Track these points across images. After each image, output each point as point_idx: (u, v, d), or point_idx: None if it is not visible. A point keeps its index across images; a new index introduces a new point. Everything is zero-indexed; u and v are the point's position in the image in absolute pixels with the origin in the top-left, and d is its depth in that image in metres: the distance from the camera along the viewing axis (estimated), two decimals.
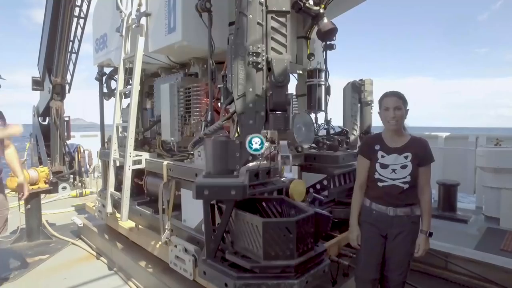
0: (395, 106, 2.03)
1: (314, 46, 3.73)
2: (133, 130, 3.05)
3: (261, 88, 1.96)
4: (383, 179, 2.07)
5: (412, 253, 2.12)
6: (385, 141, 2.13)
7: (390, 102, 2.05)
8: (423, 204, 2.10)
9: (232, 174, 1.92)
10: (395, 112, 2.03)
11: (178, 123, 3.01)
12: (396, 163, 2.05)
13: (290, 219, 1.79)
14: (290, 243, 1.78)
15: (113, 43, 3.70)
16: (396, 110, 2.03)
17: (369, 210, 2.16)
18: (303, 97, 3.53)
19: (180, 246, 2.52)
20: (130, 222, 3.41)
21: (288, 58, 1.95)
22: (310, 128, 2.96)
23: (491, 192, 4.92)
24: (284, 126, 1.97)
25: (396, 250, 2.10)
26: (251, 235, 1.87)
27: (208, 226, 1.99)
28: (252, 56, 1.93)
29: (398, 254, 2.11)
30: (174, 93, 2.99)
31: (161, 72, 3.79)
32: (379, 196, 2.10)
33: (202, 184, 1.87)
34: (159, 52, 3.04)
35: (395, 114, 2.03)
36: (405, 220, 2.07)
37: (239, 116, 1.94)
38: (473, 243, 3.99)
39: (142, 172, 3.67)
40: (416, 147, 2.08)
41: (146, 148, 3.84)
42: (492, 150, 4.90)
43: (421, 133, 7.82)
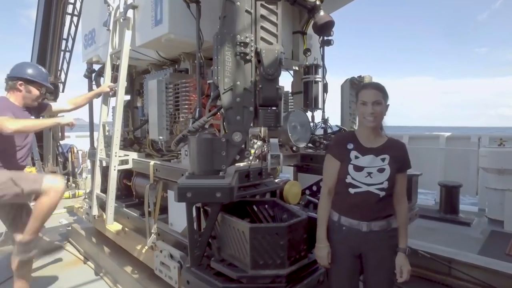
0: (374, 100, 1.71)
1: (311, 42, 3.58)
2: (118, 128, 2.90)
3: (250, 82, 1.81)
4: (356, 184, 1.71)
5: (394, 272, 1.76)
6: (359, 140, 1.81)
7: (369, 96, 1.73)
8: (400, 215, 1.78)
9: (217, 174, 1.76)
10: (374, 108, 1.71)
11: (167, 121, 2.86)
12: (373, 165, 1.73)
13: (280, 225, 1.63)
14: (280, 250, 1.63)
15: (101, 38, 3.55)
16: (375, 105, 1.71)
17: (338, 226, 1.77)
18: (299, 95, 3.37)
19: (165, 251, 2.36)
20: (117, 225, 3.25)
21: (279, 49, 1.80)
22: (305, 127, 2.81)
23: (495, 194, 4.76)
24: (275, 123, 1.82)
25: (376, 271, 1.76)
26: (238, 242, 1.71)
27: (192, 232, 1.83)
28: (240, 46, 1.78)
29: (378, 275, 1.76)
30: (162, 89, 2.84)
31: (151, 68, 3.64)
32: (349, 208, 1.74)
33: (184, 186, 1.71)
34: (146, 46, 2.89)
35: (374, 110, 1.71)
36: (382, 236, 1.73)
37: (225, 111, 1.79)
38: (477, 247, 3.83)
39: (131, 173, 3.52)
40: (395, 150, 1.78)
41: (136, 148, 3.69)
42: (495, 151, 4.74)
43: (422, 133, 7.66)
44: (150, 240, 2.61)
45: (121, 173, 3.71)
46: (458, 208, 4.88)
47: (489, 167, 4.76)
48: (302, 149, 3.05)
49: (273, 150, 1.81)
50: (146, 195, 2.69)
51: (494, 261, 2.99)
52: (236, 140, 1.76)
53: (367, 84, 1.85)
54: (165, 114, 2.86)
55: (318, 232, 1.79)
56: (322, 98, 3.40)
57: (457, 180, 5.17)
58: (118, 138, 2.91)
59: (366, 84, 1.87)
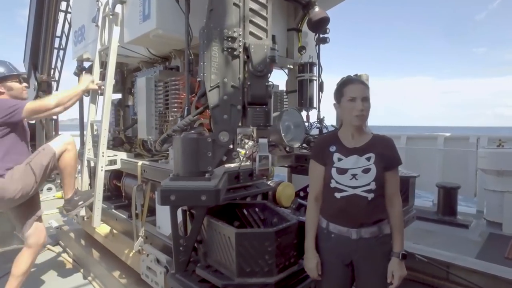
0: (363, 96, 1.59)
1: (306, 40, 3.49)
2: (106, 127, 2.80)
3: (238, 78, 1.72)
4: (341, 188, 1.60)
5: (389, 281, 1.63)
6: (342, 140, 1.69)
7: (357, 91, 1.60)
8: (394, 218, 1.65)
9: (203, 176, 1.67)
10: (363, 104, 1.58)
11: (156, 120, 2.76)
12: (357, 166, 1.61)
13: (267, 230, 1.54)
14: (268, 257, 1.53)
15: (91, 35, 3.44)
16: (364, 101, 1.59)
17: (326, 233, 1.65)
18: (293, 94, 3.28)
19: (152, 255, 2.27)
20: (106, 227, 3.16)
21: (269, 44, 1.71)
22: (299, 126, 2.71)
23: (494, 195, 4.69)
24: (265, 122, 1.73)
25: (368, 280, 1.65)
26: (224, 248, 1.62)
27: (176, 236, 1.74)
28: (227, 41, 1.69)
29: (371, 284, 1.65)
30: (151, 87, 2.74)
31: (142, 66, 3.54)
32: (337, 214, 1.62)
33: (168, 188, 1.62)
34: (135, 42, 2.79)
35: (364, 106, 1.58)
36: (373, 243, 1.60)
37: (212, 110, 1.70)
38: (475, 250, 3.76)
39: (121, 173, 3.43)
40: (381, 147, 1.65)
41: (127, 148, 3.60)
42: (494, 152, 4.67)
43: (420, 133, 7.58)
44: (137, 244, 2.51)
45: (111, 173, 3.62)
46: (456, 210, 4.80)
47: (488, 169, 4.69)
48: (297, 149, 2.97)
49: (262, 150, 1.72)
50: (133, 196, 2.59)
51: (493, 265, 2.91)
52: (223, 140, 1.67)
53: (352, 79, 1.70)
54: (154, 113, 2.76)
55: (306, 242, 1.67)
56: (318, 97, 3.31)
57: (455, 181, 5.09)
58: (106, 137, 2.81)
59: (351, 79, 1.69)
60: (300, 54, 3.22)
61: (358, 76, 3.25)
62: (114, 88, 4.00)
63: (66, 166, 2.67)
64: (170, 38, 2.57)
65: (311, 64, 3.15)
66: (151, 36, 2.51)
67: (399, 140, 6.52)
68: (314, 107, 3.20)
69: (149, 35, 2.51)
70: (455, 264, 2.87)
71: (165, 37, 2.55)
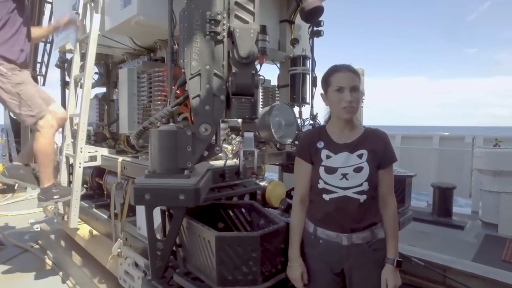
0: (352, 85, 1.42)
1: (299, 33, 3.34)
2: (85, 121, 2.62)
3: (221, 66, 1.56)
4: (330, 190, 1.44)
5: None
6: (330, 135, 1.52)
7: (345, 80, 1.43)
8: (388, 221, 1.50)
9: (182, 173, 1.51)
10: (352, 94, 1.41)
11: (139, 114, 2.59)
12: (348, 164, 1.44)
13: (251, 234, 1.39)
14: (252, 264, 1.38)
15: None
16: (353, 91, 1.42)
17: (314, 239, 1.49)
18: (285, 88, 3.12)
19: (130, 259, 2.10)
20: (86, 228, 2.98)
21: (256, 28, 1.55)
22: (291, 122, 2.57)
23: (490, 196, 4.60)
24: (250, 114, 1.57)
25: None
26: (204, 253, 1.46)
27: (152, 239, 1.57)
28: (210, 24, 1.53)
29: None
30: (133, 79, 2.58)
31: (127, 58, 3.36)
32: (326, 217, 1.46)
33: (142, 186, 1.45)
34: (116, 31, 2.61)
35: (353, 97, 1.42)
36: (366, 249, 1.45)
37: (192, 100, 1.53)
38: (471, 252, 3.65)
39: (104, 171, 3.25)
40: (374, 142, 1.48)
41: (111, 144, 3.42)
42: (491, 152, 4.58)
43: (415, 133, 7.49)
44: (115, 246, 2.34)
45: (93, 170, 3.44)
46: (451, 211, 4.71)
47: (484, 169, 4.60)
48: (288, 146, 2.82)
49: (247, 145, 1.56)
50: (112, 195, 2.42)
51: (491, 269, 2.79)
52: (203, 134, 1.51)
53: (340, 66, 1.49)
54: (137, 106, 2.60)
55: (291, 249, 1.50)
56: (311, 93, 3.16)
57: (450, 182, 5.00)
58: (84, 132, 2.63)
59: (338, 66, 1.50)
60: (293, 47, 3.07)
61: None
62: (99, 82, 3.88)
63: (37, 152, 2.50)
64: (154, 26, 2.40)
65: (304, 57, 3.00)
66: (132, 23, 2.34)
67: (394, 140, 6.42)
68: (307, 102, 3.05)
69: (130, 22, 2.34)
70: (452, 267, 2.74)
71: (148, 25, 2.38)
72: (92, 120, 3.81)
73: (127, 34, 2.80)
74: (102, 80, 3.85)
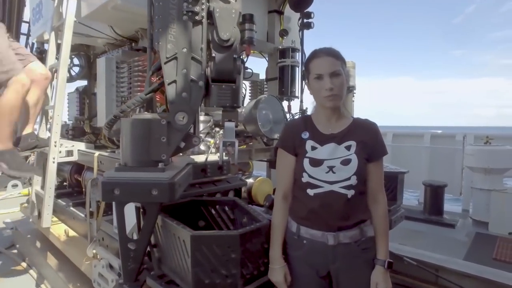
0: (332, 71, 1.30)
1: (289, 25, 3.22)
2: (59, 114, 2.45)
3: (200, 49, 1.42)
4: (315, 184, 1.32)
5: None
6: (316, 126, 1.41)
7: (324, 66, 1.31)
8: (377, 219, 1.39)
9: (156, 166, 1.37)
10: (332, 81, 1.30)
11: (117, 106, 2.44)
12: (335, 156, 1.33)
13: (230, 233, 1.26)
14: (231, 266, 1.25)
15: (49, 11, 3.07)
16: (333, 77, 1.31)
17: (297, 239, 1.38)
18: (274, 81, 3.00)
19: (104, 260, 1.95)
20: (61, 228, 2.81)
21: (238, 8, 1.42)
22: (278, 115, 2.44)
23: (480, 194, 4.56)
24: (232, 102, 1.44)
25: None
26: (179, 254, 1.33)
27: (123, 239, 1.43)
28: (188, 3, 1.39)
29: None
30: (111, 68, 2.42)
31: (108, 48, 3.19)
32: (310, 215, 1.34)
33: (111, 180, 1.31)
34: (93, 17, 2.45)
35: (333, 84, 1.30)
36: (354, 249, 1.34)
37: (168, 86, 1.40)
38: (463, 251, 3.60)
39: (83, 167, 3.09)
40: (363, 133, 1.37)
41: (91, 139, 3.25)
42: (482, 149, 4.54)
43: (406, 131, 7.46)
44: (90, 247, 2.19)
45: (72, 166, 3.27)
46: (442, 209, 4.66)
47: (476, 166, 4.56)
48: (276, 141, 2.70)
49: (227, 136, 1.43)
50: (87, 192, 2.27)
51: (483, 268, 2.73)
52: (180, 123, 1.38)
53: (318, 51, 1.37)
54: (115, 98, 2.44)
55: (272, 250, 1.38)
56: (301, 87, 3.05)
57: (441, 179, 4.95)
58: (59, 125, 2.47)
59: (317, 51, 1.38)
60: (282, 38, 2.95)
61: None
62: (79, 74, 3.70)
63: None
64: (134, 12, 2.26)
65: (293, 49, 2.88)
66: (109, 8, 2.19)
67: (385, 137, 6.36)
68: (296, 96, 2.94)
69: (107, 7, 2.19)
70: (445, 267, 2.66)
71: (127, 11, 2.24)
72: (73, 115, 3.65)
73: (106, 21, 2.64)
74: (83, 72, 3.68)
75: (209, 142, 2.02)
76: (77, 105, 3.57)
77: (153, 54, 1.97)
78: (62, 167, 3.42)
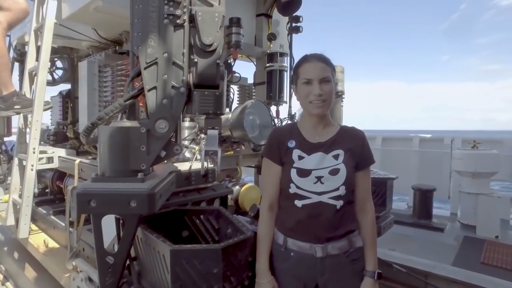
0: (322, 77, 1.27)
1: (277, 29, 3.20)
2: (38, 119, 2.36)
3: (181, 54, 1.37)
4: (303, 195, 1.28)
5: None
6: (303, 134, 1.37)
7: (314, 71, 1.28)
8: (366, 229, 1.36)
9: (135, 176, 1.31)
10: (322, 87, 1.27)
11: (100, 111, 2.36)
12: (322, 166, 1.29)
13: (212, 247, 1.20)
14: (213, 281, 1.19)
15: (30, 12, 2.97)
16: (323, 83, 1.27)
17: (284, 251, 1.33)
18: (262, 86, 2.96)
19: (84, 273, 1.86)
20: (41, 237, 2.70)
21: (221, 12, 1.37)
22: (266, 120, 2.40)
23: (468, 198, 4.60)
24: (215, 109, 1.39)
25: None
26: (159, 268, 1.26)
27: (101, 252, 1.36)
28: (169, 6, 1.34)
29: None
30: (94, 72, 2.34)
31: (92, 51, 3.10)
32: (298, 226, 1.30)
33: (86, 192, 1.24)
34: (75, 19, 2.38)
35: (323, 90, 1.27)
36: (343, 260, 1.30)
37: (148, 92, 1.34)
38: (452, 255, 3.61)
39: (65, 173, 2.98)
40: (351, 141, 1.34)
41: (75, 144, 3.15)
42: (469, 153, 4.58)
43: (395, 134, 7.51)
44: (70, 258, 2.09)
45: (54, 173, 3.16)
46: (431, 213, 4.68)
47: (463, 170, 4.59)
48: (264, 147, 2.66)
49: (210, 144, 1.38)
50: (67, 201, 2.18)
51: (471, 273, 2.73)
52: (160, 131, 1.32)
53: (309, 56, 1.34)
54: (98, 103, 2.36)
55: (258, 262, 1.32)
56: (289, 92, 3.02)
57: (429, 183, 4.99)
58: (38, 130, 2.37)
59: (308, 56, 1.34)
60: (270, 42, 2.92)
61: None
62: (62, 78, 3.60)
63: None
64: (117, 14, 2.19)
65: (282, 53, 2.85)
66: (91, 10, 2.12)
67: (374, 141, 6.39)
68: (284, 101, 2.90)
69: (88, 8, 2.12)
70: (434, 273, 2.65)
71: (110, 12, 2.17)
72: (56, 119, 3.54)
73: (88, 23, 2.56)
74: (66, 75, 3.57)
75: (194, 149, 1.96)
76: (60, 109, 3.46)
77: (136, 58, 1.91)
78: (44, 173, 3.31)
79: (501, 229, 4.29)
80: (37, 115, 2.35)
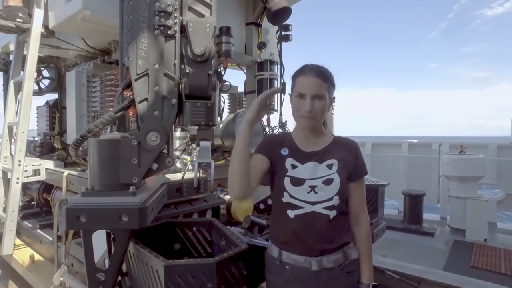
0: (315, 93, 1.24)
1: (267, 37, 3.21)
2: (24, 131, 2.30)
3: (173, 65, 1.36)
4: (296, 204, 1.26)
5: None
6: (296, 142, 1.35)
7: (308, 86, 1.25)
8: (361, 240, 1.34)
9: (126, 190, 1.28)
10: (313, 103, 1.24)
11: (88, 121, 2.32)
12: (316, 176, 1.27)
13: (206, 261, 1.17)
14: None
15: None
16: (315, 99, 1.25)
17: (279, 265, 1.29)
18: (253, 94, 2.96)
19: None
20: (27, 252, 2.61)
21: (213, 22, 1.37)
22: (257, 129, 2.39)
23: (457, 202, 4.67)
24: (207, 120, 1.38)
25: None
26: (152, 284, 1.23)
27: (91, 268, 1.32)
28: (160, 17, 1.33)
29: None
30: (82, 82, 2.31)
31: (80, 61, 3.05)
32: (291, 238, 1.28)
33: (76, 207, 1.21)
34: (62, 28, 2.33)
35: (313, 106, 1.25)
36: (338, 274, 1.27)
37: (139, 104, 1.32)
38: (443, 259, 3.65)
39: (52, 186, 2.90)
40: (344, 151, 1.33)
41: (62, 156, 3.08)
42: (457, 158, 4.67)
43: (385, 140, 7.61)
44: (58, 274, 2.02)
45: (41, 185, 3.07)
46: (422, 218, 4.74)
47: (451, 175, 4.67)
48: None
49: (203, 156, 1.36)
50: (55, 214, 2.11)
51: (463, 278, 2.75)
52: (151, 143, 1.30)
53: (307, 68, 1.30)
54: (86, 113, 2.32)
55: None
56: (280, 100, 3.02)
57: (419, 188, 5.05)
58: (24, 142, 2.31)
59: (305, 68, 1.31)
60: (260, 50, 2.92)
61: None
62: (49, 87, 3.53)
63: None
64: (105, 24, 2.16)
65: (272, 62, 2.86)
66: (78, 20, 2.09)
67: (364, 147, 6.46)
68: (275, 109, 2.91)
69: (75, 18, 2.08)
70: (426, 279, 2.67)
71: (98, 22, 2.14)
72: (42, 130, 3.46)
73: (76, 32, 2.52)
74: (53, 85, 3.50)
75: (185, 159, 1.93)
76: (47, 120, 3.39)
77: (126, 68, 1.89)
78: (29, 185, 3.21)
79: (489, 232, 4.37)
80: (23, 127, 2.30)
